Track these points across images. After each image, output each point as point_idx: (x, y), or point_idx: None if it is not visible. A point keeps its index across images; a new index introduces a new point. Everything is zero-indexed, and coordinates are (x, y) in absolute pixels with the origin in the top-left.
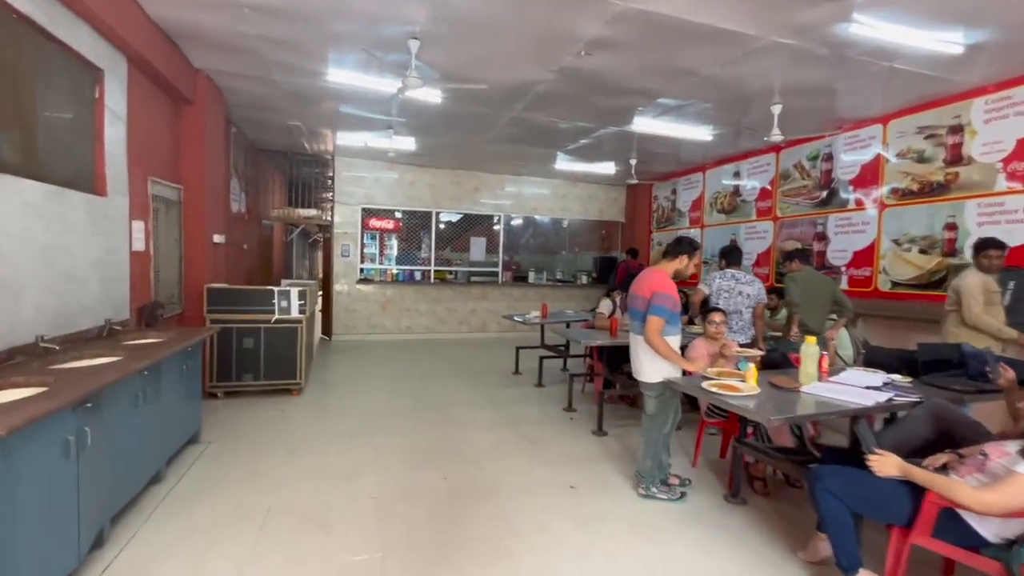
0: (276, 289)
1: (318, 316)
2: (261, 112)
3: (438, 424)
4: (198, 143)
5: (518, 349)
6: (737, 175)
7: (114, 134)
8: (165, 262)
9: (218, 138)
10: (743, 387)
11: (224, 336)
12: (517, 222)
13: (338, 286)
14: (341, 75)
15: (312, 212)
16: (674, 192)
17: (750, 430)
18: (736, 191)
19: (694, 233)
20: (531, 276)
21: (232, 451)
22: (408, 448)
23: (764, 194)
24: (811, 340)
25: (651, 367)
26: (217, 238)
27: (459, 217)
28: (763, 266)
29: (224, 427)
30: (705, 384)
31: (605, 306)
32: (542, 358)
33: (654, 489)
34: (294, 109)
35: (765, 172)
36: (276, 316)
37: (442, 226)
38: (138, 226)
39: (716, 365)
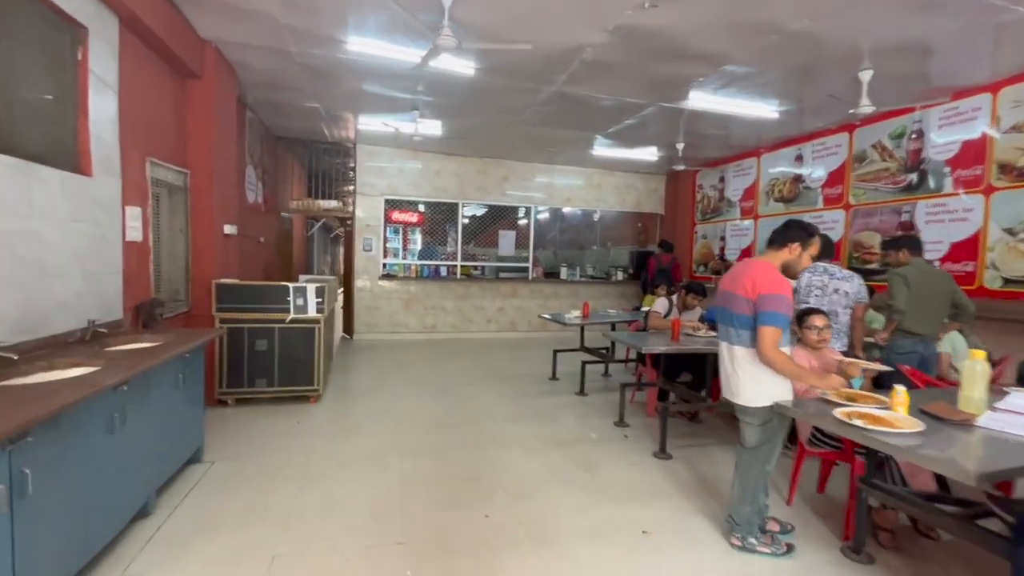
0: (291, 286)
1: (339, 314)
2: (277, 92)
3: (473, 443)
4: (206, 123)
5: (556, 353)
6: (799, 159)
7: (102, 105)
8: (169, 255)
9: (229, 118)
10: (897, 419)
11: (235, 337)
12: (544, 215)
13: (360, 282)
14: (362, 44)
15: (333, 204)
16: (722, 180)
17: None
18: (798, 177)
19: (746, 226)
20: (563, 272)
21: (238, 474)
22: (440, 475)
23: (833, 179)
24: (979, 354)
25: (754, 388)
26: (228, 229)
27: (483, 211)
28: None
29: (231, 442)
30: (838, 413)
31: (660, 305)
32: (584, 363)
33: (753, 540)
34: (312, 88)
35: (834, 154)
36: (291, 315)
37: (465, 220)
38: (134, 213)
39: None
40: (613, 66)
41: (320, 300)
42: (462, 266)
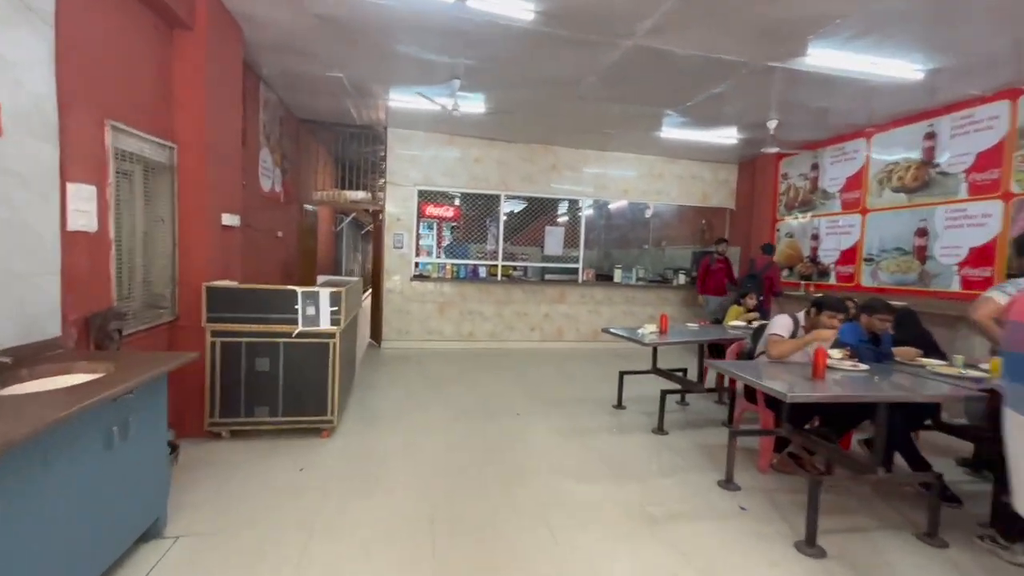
0: (300, 291)
1: (366, 318)
2: (292, 58)
3: (531, 511)
4: (199, 85)
5: (623, 376)
6: (931, 137)
7: (22, 37)
8: (147, 250)
9: (231, 84)
10: None
11: (230, 354)
12: (588, 211)
13: (389, 283)
14: None
15: (361, 195)
16: (815, 167)
17: None
18: (928, 159)
19: (849, 222)
20: (617, 274)
21: (206, 559)
22: (490, 565)
23: (984, 161)
24: None
25: None
26: (228, 219)
27: (523, 205)
28: (981, 265)
29: (209, 502)
30: None
31: (782, 325)
32: (665, 393)
33: None
34: (333, 51)
35: (988, 129)
36: (299, 328)
37: (508, 213)
38: (82, 192)
39: None
40: (717, 6)
41: (336, 309)
42: (503, 266)
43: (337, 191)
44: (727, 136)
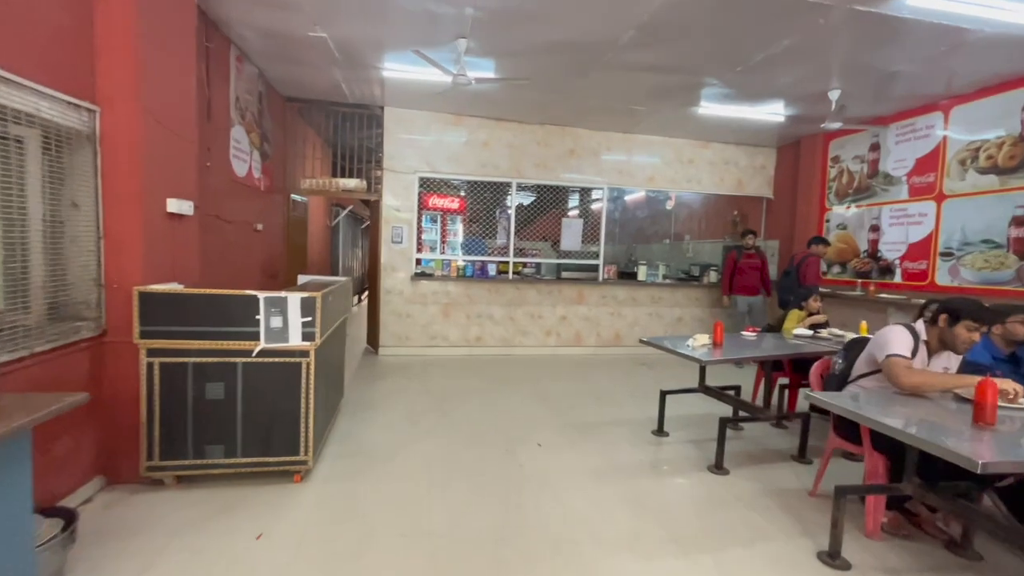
0: (261, 297)
1: (362, 322)
2: (264, 11)
3: None
4: (128, 27)
5: (665, 396)
6: None
7: None
8: (57, 245)
9: (179, 31)
10: None
11: (173, 378)
12: (598, 203)
13: (387, 283)
14: None
15: (353, 183)
16: (875, 148)
17: None
18: None
19: (920, 210)
20: (642, 272)
21: None
22: None
23: None
24: None
25: None
26: (177, 206)
27: (531, 199)
28: None
29: None
30: None
31: (901, 342)
32: (724, 424)
33: None
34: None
35: None
36: (262, 344)
37: (521, 202)
38: None
39: None
40: None
41: (310, 319)
42: (515, 263)
43: (328, 179)
44: (773, 112)
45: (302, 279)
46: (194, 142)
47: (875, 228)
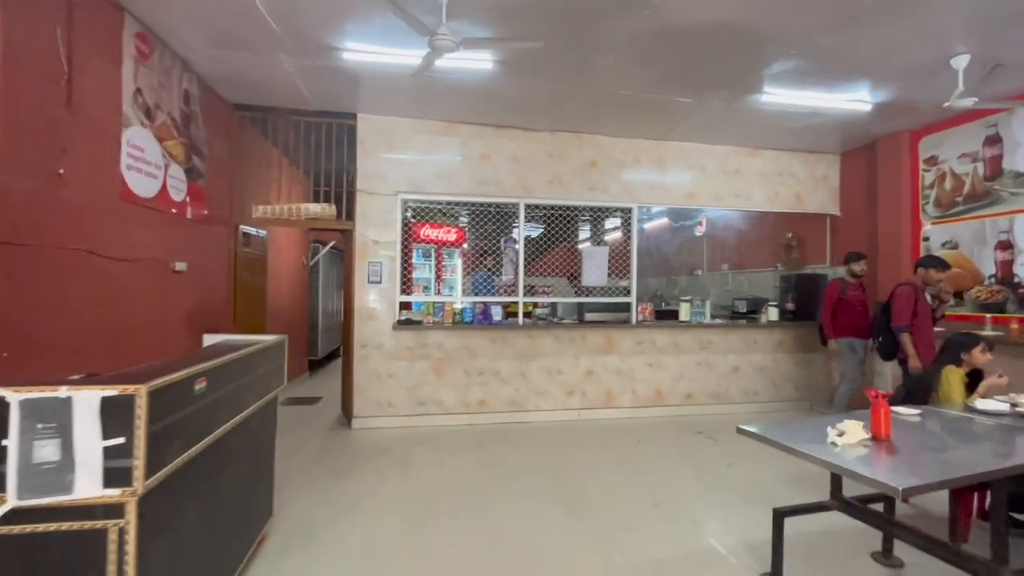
0: (13, 399)
1: (336, 383)
2: None
3: None
4: None
5: (782, 519)
6: None
7: None
8: None
9: None
10: None
11: None
12: (614, 232)
13: (364, 333)
14: None
15: (318, 208)
16: (993, 141)
17: None
18: None
19: None
20: (684, 311)
21: None
22: None
23: None
24: None
25: None
26: None
27: (539, 231)
28: None
29: None
30: None
31: None
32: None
33: None
34: None
35: None
36: (10, 502)
37: (531, 232)
38: None
39: None
40: None
41: (121, 443)
42: (526, 303)
43: (285, 206)
44: (855, 99)
45: (210, 340)
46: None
47: (1006, 245)
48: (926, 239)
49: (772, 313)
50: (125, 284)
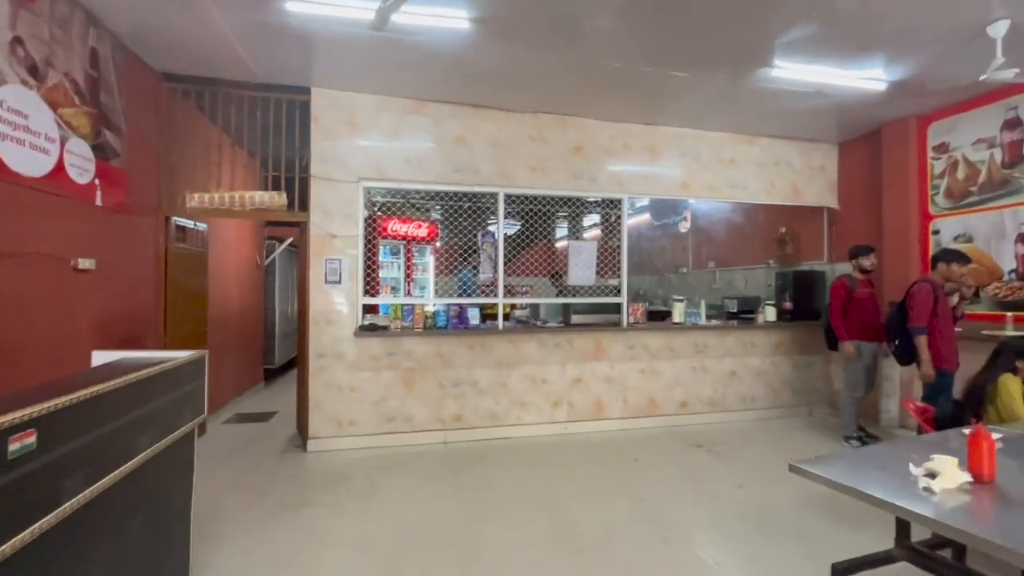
0: None
1: (292, 399)
2: None
3: None
4: None
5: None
6: None
7: None
8: None
9: None
10: None
11: None
12: (595, 231)
13: (321, 341)
14: None
15: (266, 197)
16: (1013, 124)
17: None
18: None
19: None
20: (677, 312)
21: None
22: None
23: None
24: None
25: None
26: None
27: (523, 211)
28: None
29: None
30: None
31: None
32: None
33: None
34: None
35: None
36: None
37: (511, 227)
38: None
39: None
40: None
41: None
42: (507, 304)
43: (225, 194)
44: (870, 77)
45: (100, 358)
46: None
47: None
48: (936, 232)
49: (770, 313)
50: (3, 284)
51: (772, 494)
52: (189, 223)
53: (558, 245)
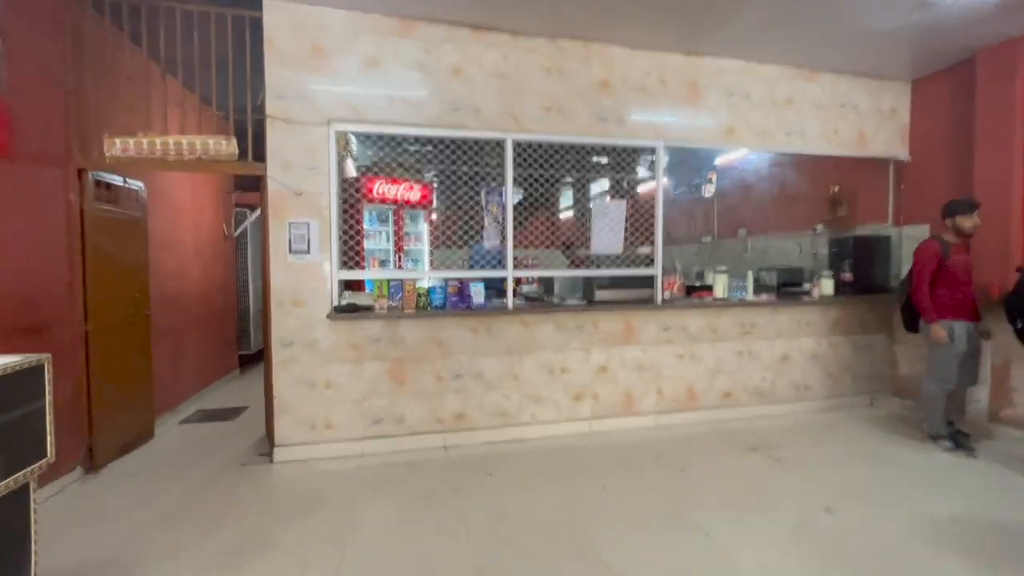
0: None
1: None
2: None
3: None
4: None
5: None
6: None
7: None
8: None
9: None
10: None
11: None
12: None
13: (287, 326)
14: None
15: (209, 144)
16: None
17: None
18: None
19: None
20: (720, 285)
21: None
22: None
23: None
24: None
25: None
26: None
27: (522, 192)
28: None
29: None
30: None
31: None
32: None
33: None
34: None
35: None
36: None
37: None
38: None
39: None
40: None
41: None
42: (515, 280)
43: (158, 139)
44: None
45: None
46: None
47: None
48: None
49: (826, 286)
50: None
51: (876, 524)
52: (116, 179)
53: (573, 211)
